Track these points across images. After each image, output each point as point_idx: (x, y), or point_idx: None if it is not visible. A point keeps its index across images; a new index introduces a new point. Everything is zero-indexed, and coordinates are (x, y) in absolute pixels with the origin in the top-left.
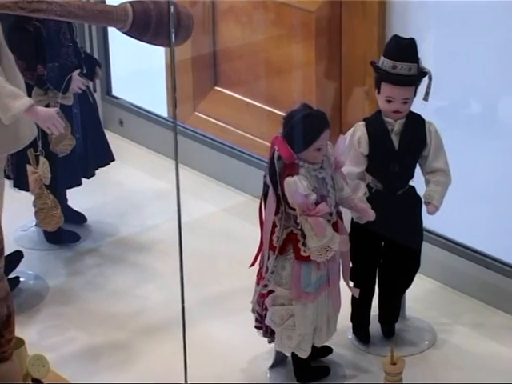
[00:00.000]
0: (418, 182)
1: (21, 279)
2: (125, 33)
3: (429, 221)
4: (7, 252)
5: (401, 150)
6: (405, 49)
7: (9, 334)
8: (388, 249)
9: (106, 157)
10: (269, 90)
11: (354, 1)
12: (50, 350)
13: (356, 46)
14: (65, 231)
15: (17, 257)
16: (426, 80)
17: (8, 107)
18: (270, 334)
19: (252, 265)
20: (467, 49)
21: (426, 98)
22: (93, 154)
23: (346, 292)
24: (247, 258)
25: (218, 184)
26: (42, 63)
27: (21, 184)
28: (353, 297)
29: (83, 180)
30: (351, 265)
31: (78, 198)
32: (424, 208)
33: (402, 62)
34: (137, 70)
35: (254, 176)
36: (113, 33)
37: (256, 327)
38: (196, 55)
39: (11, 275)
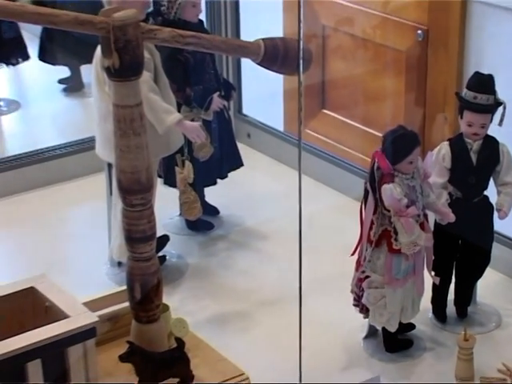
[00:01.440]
0: (491, 192)
1: (167, 257)
2: (257, 63)
3: (499, 224)
4: (157, 235)
5: (478, 165)
6: (484, 83)
7: (157, 300)
8: (464, 246)
9: (236, 162)
10: (366, 113)
11: (437, 42)
12: (188, 315)
13: (438, 79)
14: (202, 221)
15: (164, 239)
16: (500, 109)
17: (162, 120)
18: (365, 311)
19: (352, 254)
20: None
21: (500, 124)
22: (226, 160)
23: (428, 279)
24: (347, 249)
25: (323, 187)
26: (190, 86)
27: (169, 182)
28: (433, 283)
29: (218, 180)
30: (433, 257)
31: (213, 194)
32: (495, 214)
33: (482, 93)
34: (262, 94)
35: (352, 181)
36: (245, 63)
37: (354, 305)
38: (308, 83)
39: (160, 254)
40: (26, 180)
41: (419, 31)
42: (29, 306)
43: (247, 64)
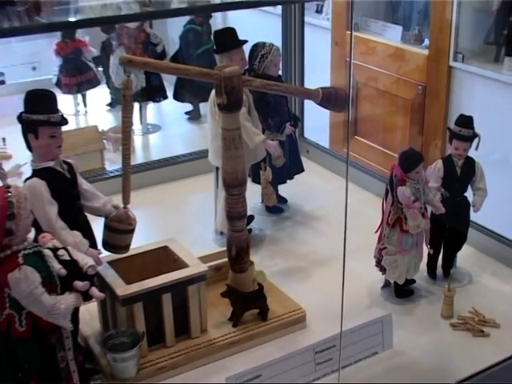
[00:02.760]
0: (469, 194)
1: (252, 230)
2: (317, 104)
3: (473, 216)
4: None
5: (461, 176)
6: (467, 121)
7: (247, 257)
8: (449, 229)
9: (300, 169)
10: (384, 140)
11: (432, 94)
12: (266, 268)
13: (432, 119)
14: (276, 206)
15: (251, 218)
16: (477, 139)
17: (253, 139)
18: (383, 270)
19: (376, 232)
20: (498, 122)
21: (476, 149)
22: (293, 167)
23: (425, 250)
24: (372, 228)
25: (355, 187)
26: (271, 118)
27: (256, 180)
28: (429, 253)
29: (287, 180)
30: (429, 236)
31: (284, 189)
32: (471, 209)
33: (465, 128)
34: (317, 124)
35: (374, 183)
36: (307, 103)
37: (375, 266)
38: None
39: (248, 227)
40: (163, 176)
41: (420, 87)
42: (163, 258)
43: (309, 103)
